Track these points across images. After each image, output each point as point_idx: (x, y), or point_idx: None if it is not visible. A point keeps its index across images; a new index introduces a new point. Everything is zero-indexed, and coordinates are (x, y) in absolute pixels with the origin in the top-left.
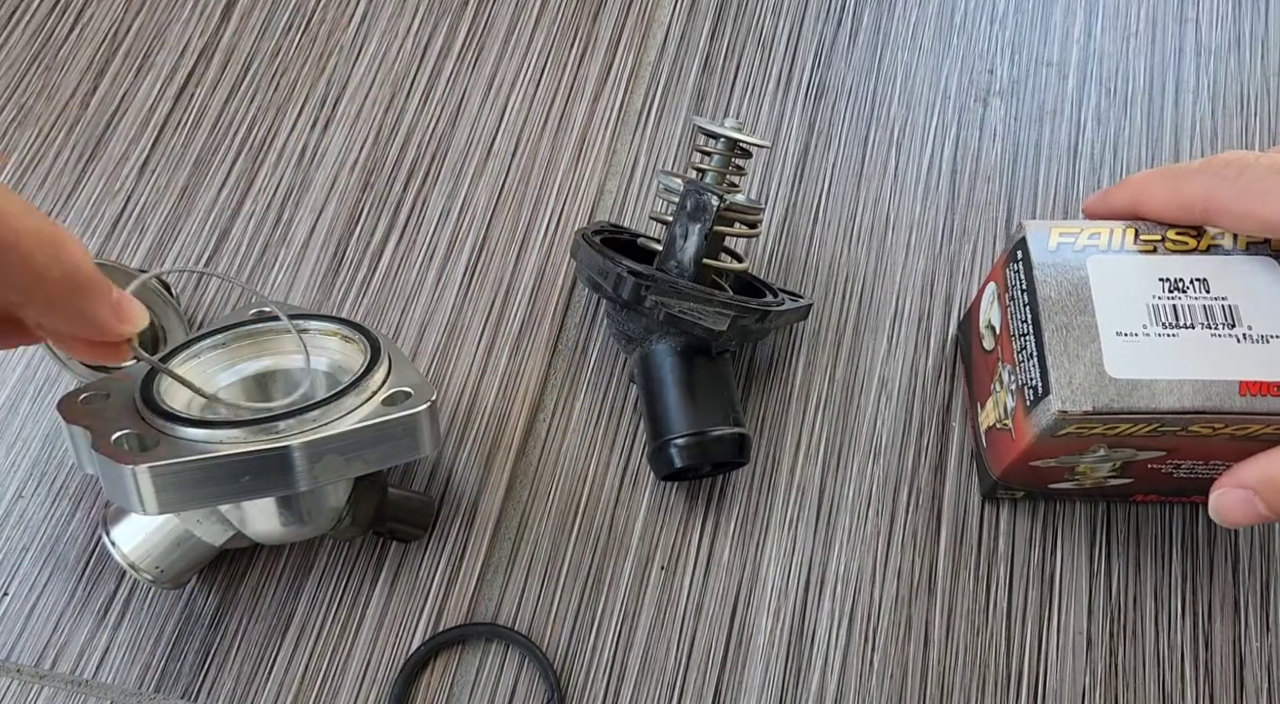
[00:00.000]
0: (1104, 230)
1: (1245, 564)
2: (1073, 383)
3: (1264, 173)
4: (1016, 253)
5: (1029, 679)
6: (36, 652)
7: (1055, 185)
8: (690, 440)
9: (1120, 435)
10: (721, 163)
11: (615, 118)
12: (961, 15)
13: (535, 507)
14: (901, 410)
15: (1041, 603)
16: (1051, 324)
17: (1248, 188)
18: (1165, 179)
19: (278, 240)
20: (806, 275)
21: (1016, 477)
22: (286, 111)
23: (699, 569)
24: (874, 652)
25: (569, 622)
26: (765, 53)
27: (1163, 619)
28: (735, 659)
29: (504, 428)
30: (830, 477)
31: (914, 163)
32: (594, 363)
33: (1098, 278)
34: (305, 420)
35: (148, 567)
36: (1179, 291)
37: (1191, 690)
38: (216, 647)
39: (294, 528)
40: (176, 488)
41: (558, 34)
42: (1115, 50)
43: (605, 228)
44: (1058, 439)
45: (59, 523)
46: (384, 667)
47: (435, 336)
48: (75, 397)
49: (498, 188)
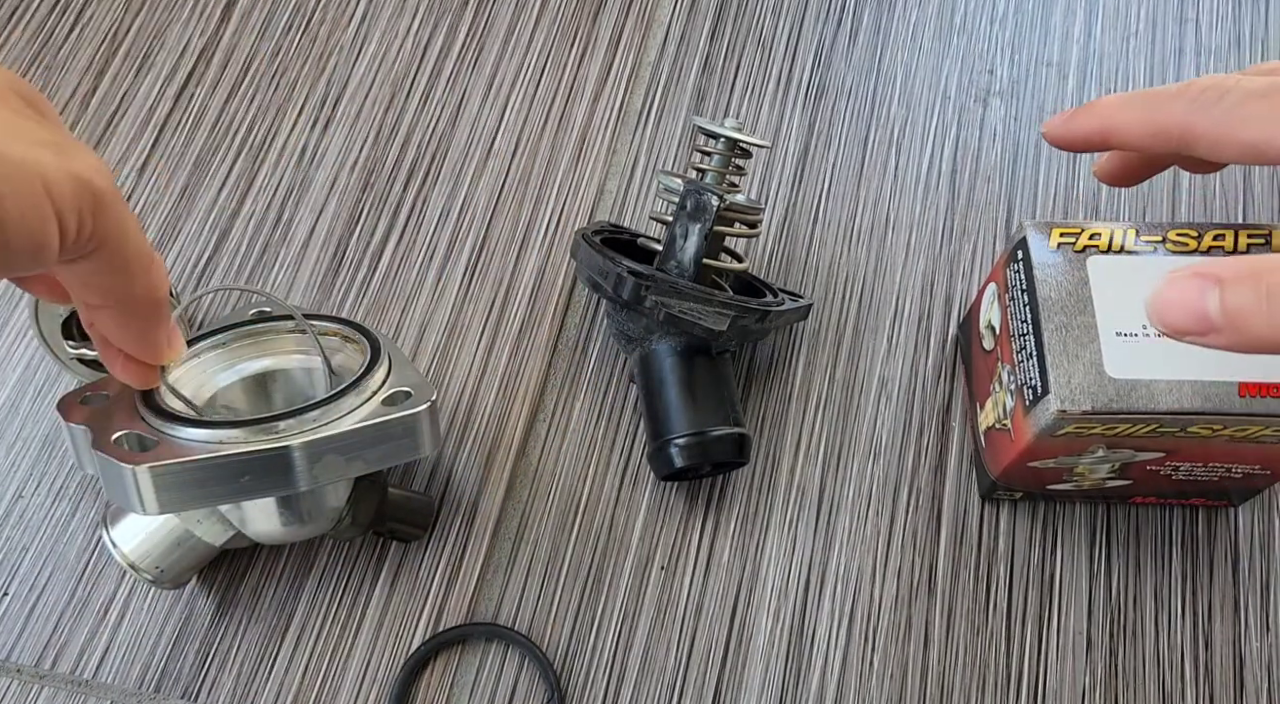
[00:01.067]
0: (1104, 231)
1: (1245, 564)
2: (1072, 383)
3: (1243, 98)
4: (1017, 253)
5: (1029, 679)
6: (36, 651)
7: (1055, 186)
8: (690, 440)
9: (1119, 436)
10: (721, 163)
11: (615, 118)
12: (961, 15)
13: (535, 506)
14: (901, 410)
15: (1041, 603)
16: (1051, 324)
17: (1227, 113)
18: (1139, 105)
19: (278, 240)
20: (806, 275)
21: (1015, 477)
22: (286, 111)
23: (699, 569)
24: (874, 652)
25: (569, 621)
26: (765, 53)
27: (1163, 619)
28: (735, 659)
29: (504, 428)
30: (830, 477)
31: (914, 163)
32: (594, 363)
33: (1097, 278)
34: (305, 420)
35: (148, 567)
36: None
37: (1191, 691)
38: (216, 647)
39: (294, 528)
40: (177, 488)
41: (558, 34)
42: (1115, 50)
43: (605, 228)
44: (1056, 439)
45: (59, 523)
46: (384, 666)
47: (435, 336)
48: (75, 397)
49: (498, 188)
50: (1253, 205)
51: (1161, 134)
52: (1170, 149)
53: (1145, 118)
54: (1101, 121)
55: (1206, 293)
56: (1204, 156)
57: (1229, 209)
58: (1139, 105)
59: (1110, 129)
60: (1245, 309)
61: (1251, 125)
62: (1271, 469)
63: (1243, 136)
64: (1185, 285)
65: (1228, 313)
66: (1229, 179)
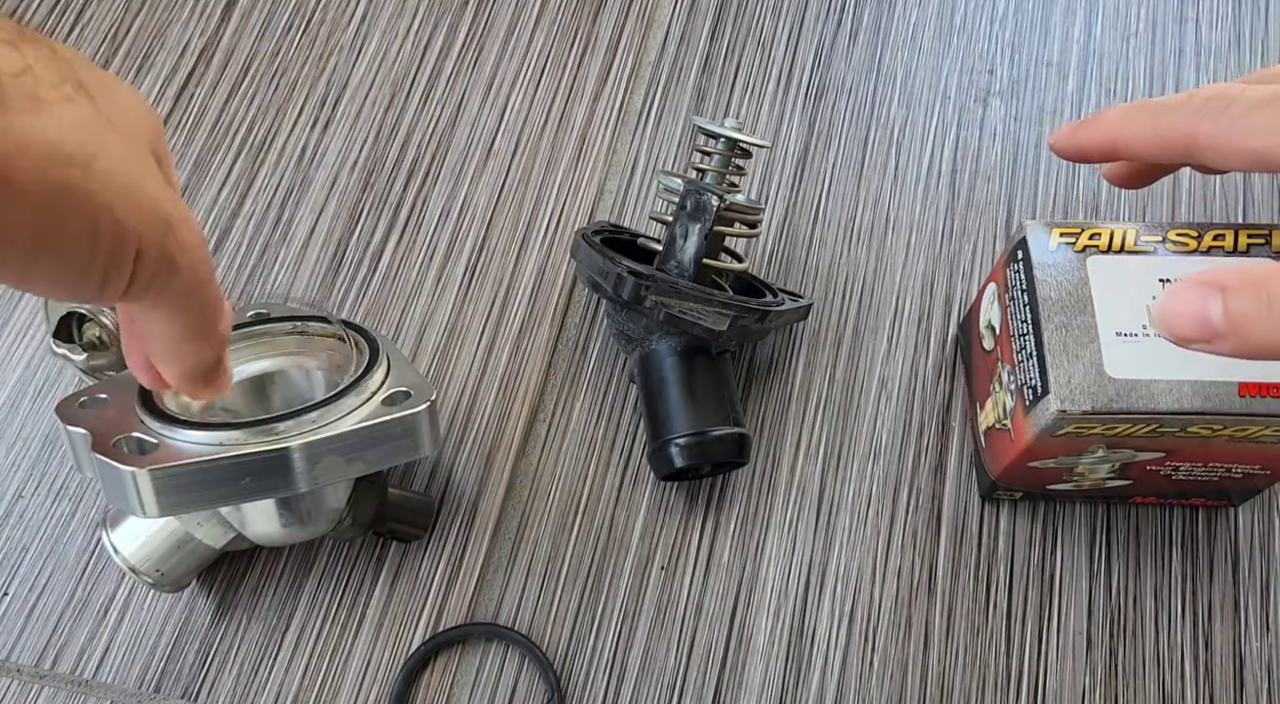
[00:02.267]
0: (1104, 231)
1: (1245, 564)
2: (1072, 383)
3: (1248, 108)
4: (1017, 253)
5: (1029, 679)
6: (36, 652)
7: (1055, 185)
8: (690, 440)
9: (1119, 436)
10: (721, 163)
11: (615, 118)
12: (961, 15)
13: (535, 506)
14: (901, 410)
15: (1041, 603)
16: (1051, 324)
17: (1234, 123)
18: (1144, 116)
19: (278, 240)
20: (806, 275)
21: (1015, 477)
22: (286, 111)
23: (699, 569)
24: (874, 652)
25: (569, 621)
26: (765, 53)
27: (1163, 619)
28: (735, 659)
29: (504, 428)
30: (830, 477)
31: (914, 163)
32: (594, 363)
33: (1097, 278)
34: (304, 421)
35: (148, 570)
36: None
37: (1191, 691)
38: (216, 647)
39: (294, 529)
40: (177, 490)
41: (558, 34)
42: (1115, 50)
43: (605, 228)
44: (1056, 439)
45: (59, 523)
46: (384, 667)
47: (435, 337)
48: (74, 399)
49: (498, 188)
50: (1253, 205)
51: (1167, 145)
52: (1176, 159)
53: (1150, 129)
54: (1107, 134)
55: (1210, 301)
56: (1210, 166)
57: (1229, 209)
58: (1144, 117)
59: (1116, 141)
60: (1248, 316)
61: (1256, 135)
62: (1271, 469)
63: (1248, 146)
64: (1189, 294)
65: (1231, 320)
66: (1229, 179)
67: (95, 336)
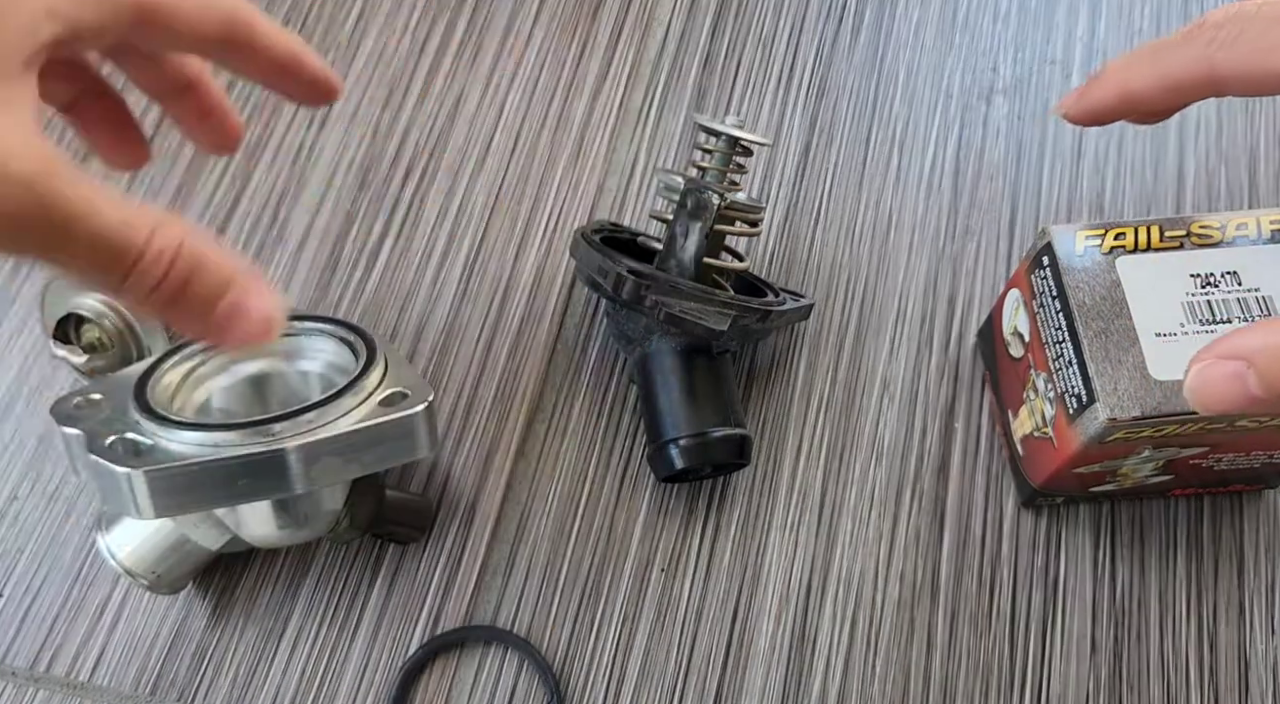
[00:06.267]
0: (1129, 230)
1: (1250, 566)
2: (1118, 389)
3: (1267, 26)
4: (1042, 258)
5: (1033, 683)
6: (31, 654)
7: (1059, 184)
8: (691, 441)
9: (1167, 436)
10: (722, 161)
11: (615, 116)
12: (964, 13)
13: (534, 508)
14: (904, 412)
15: (1045, 606)
16: (1089, 330)
17: (1255, 45)
18: (1152, 60)
19: (274, 240)
20: (808, 275)
21: (1059, 484)
22: (282, 109)
23: (699, 572)
24: (876, 656)
25: (568, 624)
26: (766, 50)
27: (1167, 622)
28: (736, 663)
29: (502, 428)
30: (832, 479)
31: (916, 162)
32: (594, 363)
33: (1129, 279)
34: (301, 422)
35: (144, 573)
36: (1212, 286)
37: (1196, 694)
38: (212, 650)
39: (291, 531)
40: (172, 492)
41: (557, 31)
42: (1119, 48)
43: (605, 227)
44: (1104, 445)
45: (54, 525)
46: (382, 670)
47: (433, 336)
48: (69, 399)
49: (496, 186)
50: (1258, 193)
51: (1185, 85)
52: (1198, 96)
53: (1161, 73)
54: (1117, 87)
55: (1245, 378)
56: (1239, 95)
57: (1234, 198)
58: (1153, 61)
59: (1127, 93)
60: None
61: None
62: None
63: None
64: (1217, 376)
65: (1269, 388)
66: (1233, 169)
67: (95, 338)
